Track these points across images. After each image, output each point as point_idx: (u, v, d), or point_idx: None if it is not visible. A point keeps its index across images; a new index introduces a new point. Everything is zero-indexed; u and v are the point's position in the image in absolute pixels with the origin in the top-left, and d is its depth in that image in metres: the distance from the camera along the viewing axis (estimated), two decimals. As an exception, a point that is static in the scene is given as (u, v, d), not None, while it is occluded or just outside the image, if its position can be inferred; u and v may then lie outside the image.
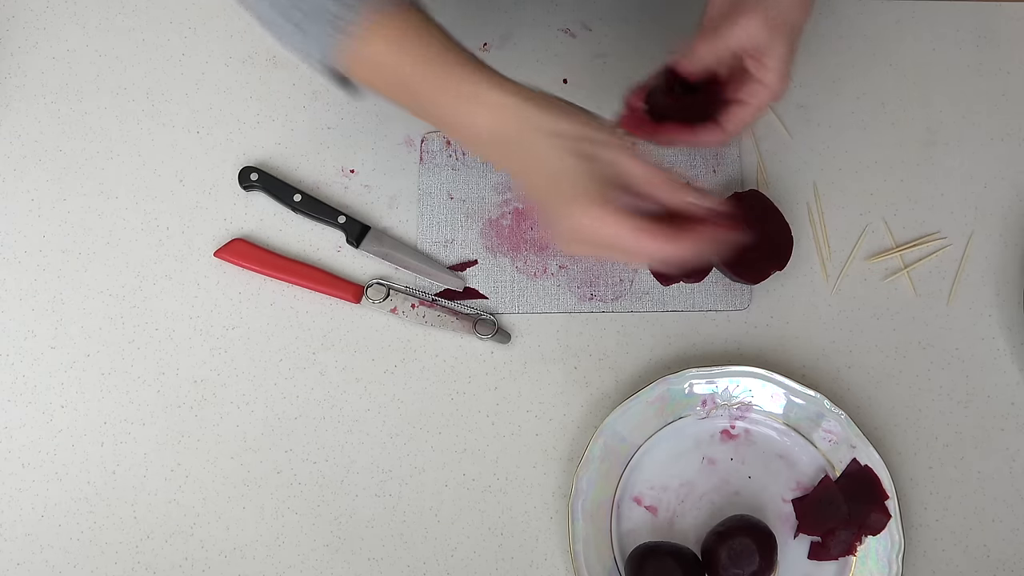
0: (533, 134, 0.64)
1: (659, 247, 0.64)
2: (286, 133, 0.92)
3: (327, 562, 0.83)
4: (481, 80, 0.65)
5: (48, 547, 0.83)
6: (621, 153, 0.65)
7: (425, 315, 0.87)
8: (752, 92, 0.73)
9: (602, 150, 0.64)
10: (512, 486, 0.84)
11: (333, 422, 0.86)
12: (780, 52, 0.71)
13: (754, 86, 0.73)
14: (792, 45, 0.72)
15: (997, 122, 0.92)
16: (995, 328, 0.87)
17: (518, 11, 0.95)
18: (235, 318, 0.88)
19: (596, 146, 0.64)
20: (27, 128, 0.93)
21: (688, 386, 0.84)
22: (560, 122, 0.64)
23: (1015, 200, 0.90)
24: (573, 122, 0.65)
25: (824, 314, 0.88)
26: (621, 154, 0.65)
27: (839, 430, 0.83)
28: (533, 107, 0.64)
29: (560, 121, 0.64)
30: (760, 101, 0.73)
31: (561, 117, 0.65)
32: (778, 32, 0.71)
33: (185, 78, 0.94)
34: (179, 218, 0.90)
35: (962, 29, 0.94)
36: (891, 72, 0.94)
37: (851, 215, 0.90)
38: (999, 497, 0.84)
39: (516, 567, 0.82)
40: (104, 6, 0.96)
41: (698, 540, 0.82)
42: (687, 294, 0.88)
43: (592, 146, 0.64)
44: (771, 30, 0.71)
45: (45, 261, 0.89)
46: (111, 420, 0.86)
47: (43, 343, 0.87)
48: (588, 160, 0.64)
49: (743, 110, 0.74)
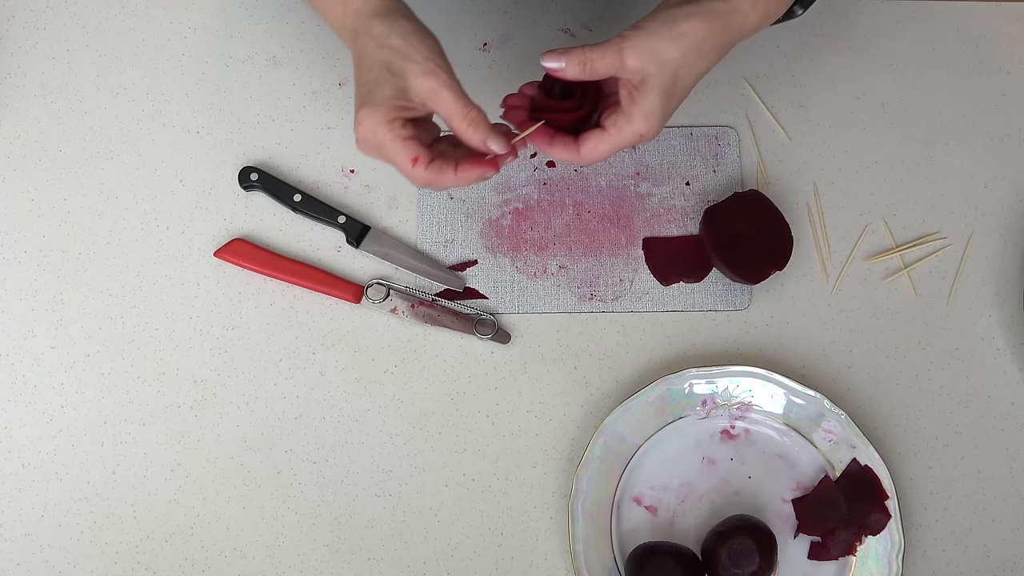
0: (363, 34, 0.68)
1: (426, 178, 0.68)
2: (286, 133, 0.92)
3: (327, 562, 0.83)
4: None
5: (48, 547, 0.83)
6: (430, 79, 0.67)
7: (425, 315, 0.87)
8: (615, 123, 0.69)
9: (414, 73, 0.67)
10: (512, 486, 0.84)
11: (333, 422, 0.86)
12: (655, 96, 0.68)
13: (619, 118, 0.69)
14: (671, 94, 0.68)
15: (997, 122, 0.92)
16: (995, 328, 0.87)
17: (518, 11, 0.95)
18: (235, 318, 0.88)
19: (410, 66, 0.67)
20: (27, 128, 0.93)
21: (688, 386, 0.84)
22: (392, 35, 0.67)
23: (1015, 200, 0.90)
24: (403, 41, 0.67)
25: (824, 314, 0.88)
26: (429, 79, 0.67)
27: (839, 430, 0.83)
28: (371, 8, 0.68)
29: (392, 34, 0.67)
30: (620, 136, 0.69)
31: (386, 25, 0.68)
32: (664, 75, 0.67)
33: (185, 78, 0.94)
34: (179, 218, 0.90)
35: (962, 29, 0.94)
36: (891, 72, 0.94)
37: (851, 215, 0.90)
38: (999, 497, 0.84)
39: (516, 567, 0.82)
40: (104, 6, 0.96)
41: (698, 540, 0.82)
42: (687, 294, 0.88)
43: (406, 64, 0.67)
44: (659, 70, 0.67)
45: (45, 261, 0.89)
46: (111, 420, 0.86)
47: (43, 343, 0.87)
48: (395, 76, 0.67)
49: (601, 139, 0.69)
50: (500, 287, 0.88)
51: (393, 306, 0.87)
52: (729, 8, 0.68)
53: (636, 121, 0.68)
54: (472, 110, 0.67)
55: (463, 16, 0.95)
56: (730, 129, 0.92)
